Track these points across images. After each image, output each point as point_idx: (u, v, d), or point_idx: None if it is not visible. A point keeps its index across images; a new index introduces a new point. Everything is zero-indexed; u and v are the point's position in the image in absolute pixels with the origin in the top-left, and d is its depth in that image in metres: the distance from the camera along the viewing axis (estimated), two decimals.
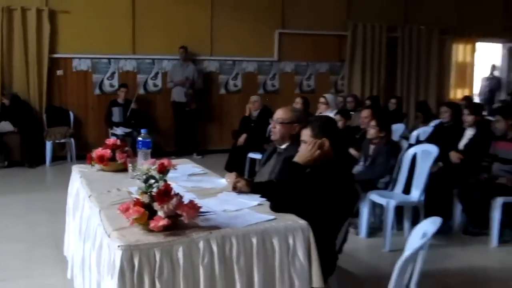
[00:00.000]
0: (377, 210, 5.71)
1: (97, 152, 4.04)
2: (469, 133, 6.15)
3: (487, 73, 13.38)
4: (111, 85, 9.64)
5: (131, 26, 9.54)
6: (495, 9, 12.86)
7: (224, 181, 3.64)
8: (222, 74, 10.45)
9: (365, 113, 6.36)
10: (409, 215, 5.34)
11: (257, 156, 7.01)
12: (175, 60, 9.79)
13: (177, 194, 2.65)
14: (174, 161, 3.19)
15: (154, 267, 2.48)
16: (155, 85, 9.98)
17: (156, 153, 3.92)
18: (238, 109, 9.39)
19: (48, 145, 8.81)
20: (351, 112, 7.36)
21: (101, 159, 3.99)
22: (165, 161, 2.74)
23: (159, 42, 9.74)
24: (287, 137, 3.69)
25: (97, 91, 9.60)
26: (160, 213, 2.55)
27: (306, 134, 3.15)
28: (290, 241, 2.75)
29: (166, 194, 2.56)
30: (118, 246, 2.44)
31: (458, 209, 5.70)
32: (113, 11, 9.36)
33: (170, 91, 9.77)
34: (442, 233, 5.49)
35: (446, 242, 5.39)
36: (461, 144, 6.13)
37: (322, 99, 7.86)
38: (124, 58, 9.69)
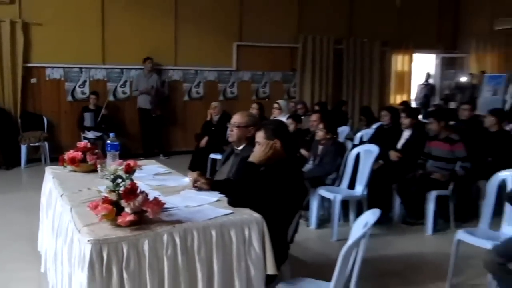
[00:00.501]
0: (326, 203, 5.76)
1: (69, 154, 3.99)
2: (406, 134, 6.25)
3: (422, 81, 13.60)
4: (83, 93, 9.47)
5: (101, 38, 9.39)
6: (430, 23, 13.16)
7: (186, 180, 3.63)
8: (185, 83, 10.38)
9: (314, 117, 6.40)
10: (354, 207, 5.39)
11: (217, 156, 7.00)
12: (142, 69, 9.68)
13: (142, 192, 2.65)
14: (140, 162, 3.16)
15: (121, 259, 2.47)
16: (123, 93, 9.84)
17: (125, 155, 3.88)
18: (200, 114, 9.33)
19: (23, 148, 8.58)
20: (301, 117, 7.40)
21: (73, 161, 3.94)
22: (131, 162, 2.73)
23: (127, 53, 9.61)
24: (243, 139, 3.71)
25: (69, 98, 9.41)
26: (127, 210, 2.54)
27: (260, 136, 3.18)
28: (246, 233, 2.77)
29: (132, 192, 2.55)
30: (88, 241, 2.42)
31: (397, 202, 5.79)
32: (83, 23, 9.20)
33: (137, 98, 9.67)
34: (383, 223, 5.62)
35: (387, 231, 5.49)
36: (399, 144, 6.22)
37: (275, 105, 7.90)
38: (95, 68, 9.52)
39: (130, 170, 2.65)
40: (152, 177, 3.84)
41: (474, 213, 5.45)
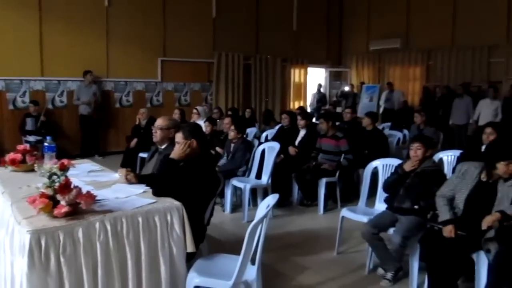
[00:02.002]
0: (238, 192, 5.79)
1: (10, 156, 3.75)
2: (302, 133, 6.39)
3: (315, 90, 13.97)
4: (23, 102, 8.89)
5: (39, 53, 8.87)
6: (320, 44, 13.65)
7: (117, 175, 3.53)
8: (117, 92, 10.04)
9: (227, 120, 6.40)
10: (261, 194, 5.44)
11: (145, 155, 6.78)
12: (78, 81, 9.25)
13: (76, 187, 2.55)
14: (75, 161, 3.05)
15: (58, 246, 2.38)
16: (61, 102, 9.34)
17: (63, 156, 3.68)
18: (130, 119, 9.08)
19: None
20: (217, 120, 7.41)
21: (13, 162, 3.71)
22: (65, 161, 2.62)
23: (64, 66, 9.14)
24: (166, 139, 3.65)
25: (11, 107, 8.80)
26: (63, 202, 2.45)
27: (179, 136, 3.15)
28: (168, 218, 2.75)
29: (66, 186, 2.46)
30: (27, 231, 2.31)
31: (295, 188, 5.93)
32: (23, 40, 8.63)
33: (74, 106, 9.24)
34: (285, 206, 5.76)
35: (288, 212, 5.62)
36: (297, 141, 6.35)
37: (194, 111, 7.85)
38: (34, 80, 8.99)
39: (64, 168, 2.54)
40: (86, 174, 3.68)
41: (355, 194, 5.65)
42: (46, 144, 3.64)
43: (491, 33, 10.32)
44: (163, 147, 3.66)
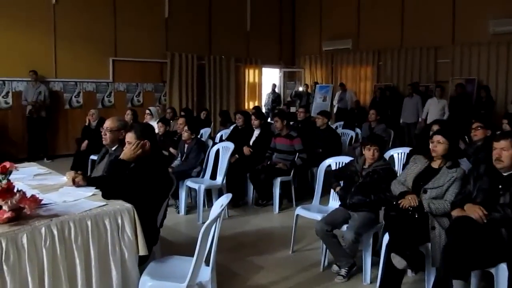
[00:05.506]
0: (193, 193, 5.73)
1: None
2: (256, 132, 6.40)
3: (270, 90, 14.03)
4: None
5: None
6: (273, 44, 13.75)
7: (65, 178, 3.41)
8: (66, 93, 9.72)
9: (180, 121, 6.32)
10: (216, 195, 5.38)
11: (97, 157, 6.63)
12: (24, 81, 8.90)
13: (20, 191, 2.43)
14: (21, 165, 2.91)
15: (1, 254, 2.26)
16: (6, 103, 8.97)
17: (10, 160, 3.49)
18: (81, 121, 8.78)
19: None
20: (170, 121, 7.30)
21: None
22: (7, 163, 2.48)
23: (8, 65, 8.75)
24: (116, 141, 3.56)
25: None
26: (5, 207, 2.33)
27: (130, 136, 3.06)
28: (119, 221, 2.68)
29: (9, 191, 2.34)
30: None
31: (250, 188, 5.91)
32: None
33: (20, 107, 8.89)
34: (240, 206, 5.75)
35: (243, 213, 5.61)
36: (251, 141, 6.34)
37: (147, 111, 7.73)
38: None
39: (5, 171, 2.42)
40: (32, 177, 3.54)
41: (310, 193, 5.70)
42: None
43: (437, 34, 10.71)
44: (113, 148, 3.57)
